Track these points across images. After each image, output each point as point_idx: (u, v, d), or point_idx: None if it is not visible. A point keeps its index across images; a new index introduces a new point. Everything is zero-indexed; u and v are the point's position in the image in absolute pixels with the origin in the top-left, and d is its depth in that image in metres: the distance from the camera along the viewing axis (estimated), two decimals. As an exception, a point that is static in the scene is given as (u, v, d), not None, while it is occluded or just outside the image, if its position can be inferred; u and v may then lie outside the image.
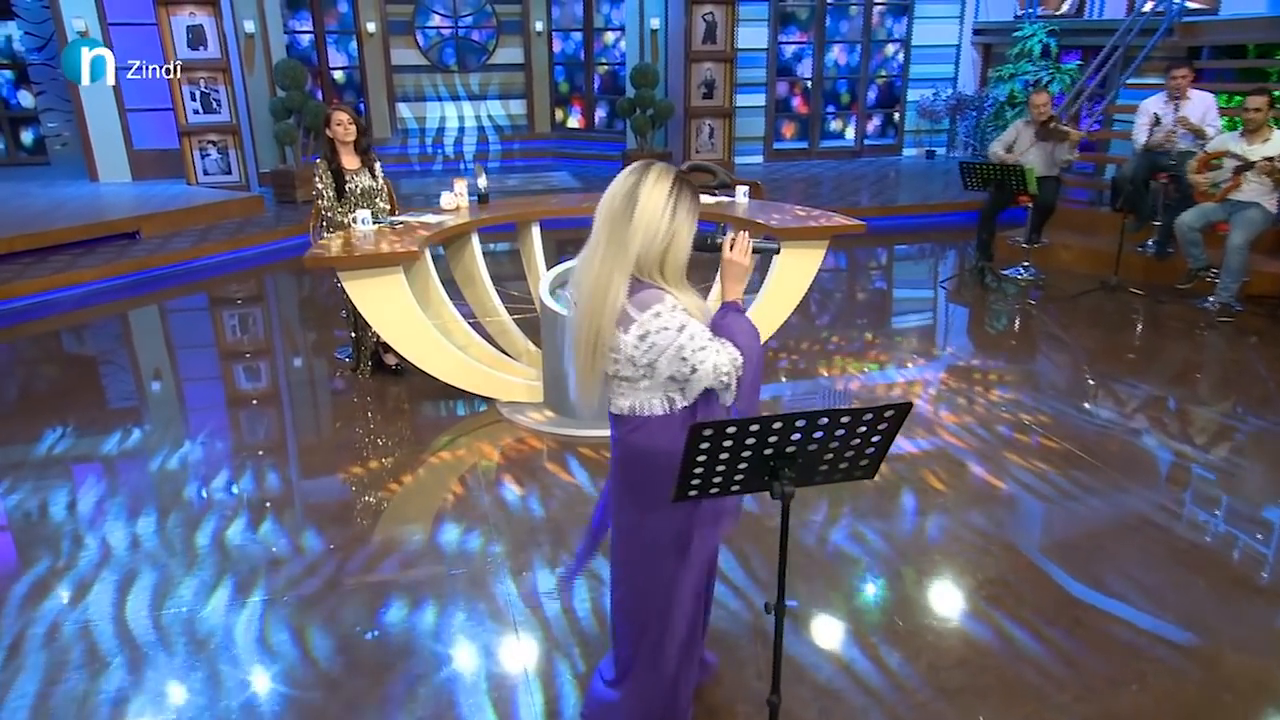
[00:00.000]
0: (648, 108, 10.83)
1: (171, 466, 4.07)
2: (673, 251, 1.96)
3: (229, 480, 3.93)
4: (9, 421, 4.70)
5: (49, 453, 4.26)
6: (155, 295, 7.01)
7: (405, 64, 12.21)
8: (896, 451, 4.08)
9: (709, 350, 1.96)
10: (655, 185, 1.94)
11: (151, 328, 6.55)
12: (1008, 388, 4.90)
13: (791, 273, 4.72)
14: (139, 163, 10.09)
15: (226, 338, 6.49)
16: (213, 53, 9.43)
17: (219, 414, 4.91)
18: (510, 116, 12.90)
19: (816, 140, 12.71)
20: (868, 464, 1.92)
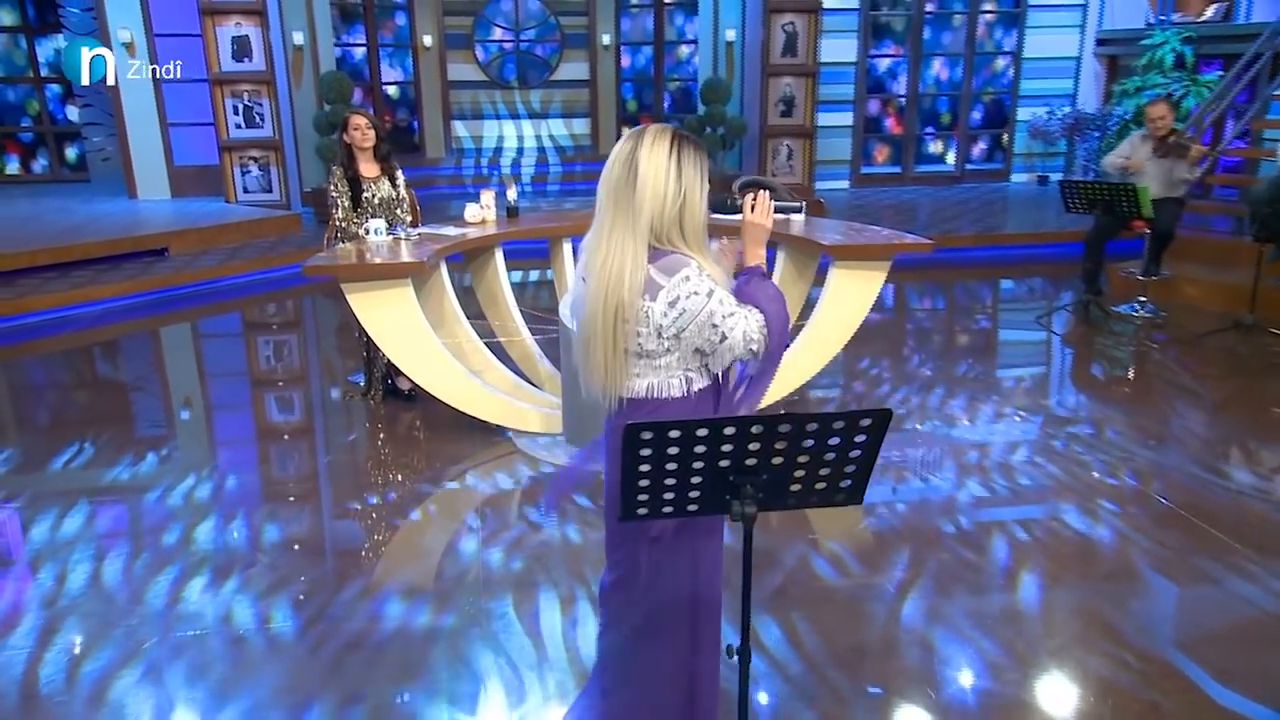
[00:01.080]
0: (718, 126, 10.91)
1: (157, 493, 4.19)
2: (689, 211, 2.00)
3: (218, 512, 4.01)
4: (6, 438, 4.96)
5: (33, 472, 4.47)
6: (175, 315, 7.34)
7: (462, 79, 12.68)
8: (991, 516, 3.86)
9: (738, 317, 2.00)
10: (654, 146, 1.99)
11: (166, 346, 6.84)
12: (1121, 445, 4.61)
13: (846, 297, 4.61)
14: (179, 179, 10.70)
15: (237, 358, 6.73)
16: (257, 64, 9.98)
17: (214, 438, 5.06)
18: (573, 136, 13.19)
19: (911, 164, 12.54)
20: (851, 486, 1.81)
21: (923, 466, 4.34)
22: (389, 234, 4.80)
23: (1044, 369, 5.98)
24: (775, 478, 1.75)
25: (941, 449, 4.55)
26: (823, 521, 3.90)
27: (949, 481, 4.19)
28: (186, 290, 7.68)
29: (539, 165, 13.02)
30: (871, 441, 1.73)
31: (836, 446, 1.72)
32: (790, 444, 1.70)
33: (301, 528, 3.86)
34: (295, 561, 3.56)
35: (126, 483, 4.30)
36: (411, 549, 3.74)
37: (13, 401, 5.81)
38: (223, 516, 3.95)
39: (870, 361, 5.93)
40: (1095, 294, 6.84)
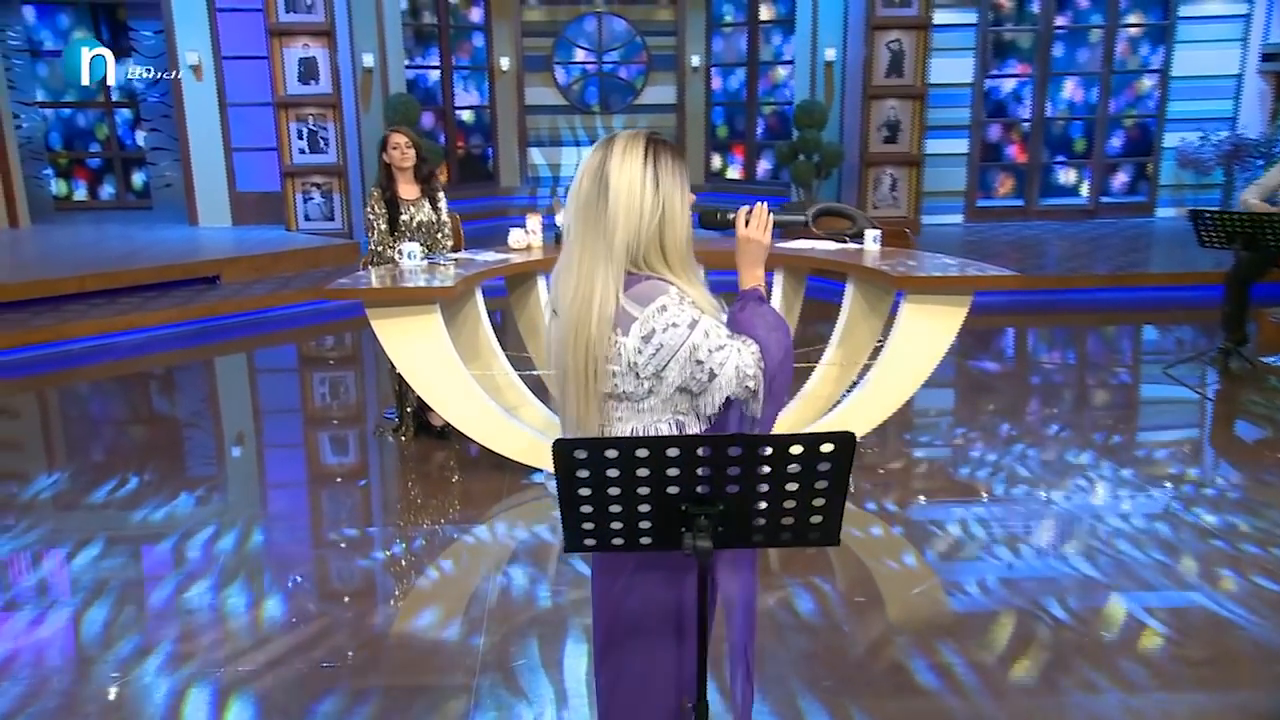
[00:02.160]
0: (813, 152, 10.93)
1: (157, 521, 4.40)
2: (670, 229, 1.94)
3: (216, 559, 4.18)
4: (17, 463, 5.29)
5: (37, 497, 4.75)
6: (222, 345, 7.72)
7: (541, 104, 13.09)
8: (1110, 601, 3.64)
9: (729, 350, 1.92)
10: (625, 155, 1.93)
11: (208, 377, 7.20)
12: (1273, 522, 4.33)
13: (918, 337, 4.53)
14: (240, 206, 11.33)
15: (270, 391, 7.02)
16: (324, 87, 10.55)
17: (230, 473, 5.28)
18: (657, 164, 13.41)
19: (1035, 196, 12.26)
20: (822, 524, 1.77)
21: (1031, 538, 4.16)
22: (426, 259, 4.97)
23: (1181, 430, 5.70)
24: (734, 509, 1.73)
25: (1055, 519, 4.36)
26: (897, 588, 3.81)
27: (1061, 558, 3.99)
28: (235, 319, 8.08)
29: (619, 195, 13.25)
30: (838, 471, 1.69)
31: (798, 475, 1.69)
32: (744, 470, 1.68)
33: (318, 574, 3.97)
34: (308, 612, 3.65)
35: (136, 525, 4.51)
36: (434, 599, 3.80)
37: (40, 430, 6.20)
38: (221, 542, 4.10)
39: (979, 415, 5.78)
40: (1238, 342, 6.52)
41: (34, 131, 12.15)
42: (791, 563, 3.96)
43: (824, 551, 4.08)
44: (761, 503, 1.73)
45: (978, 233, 11.33)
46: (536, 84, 13.04)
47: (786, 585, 3.76)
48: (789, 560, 3.97)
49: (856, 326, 5.06)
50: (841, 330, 5.03)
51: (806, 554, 4.00)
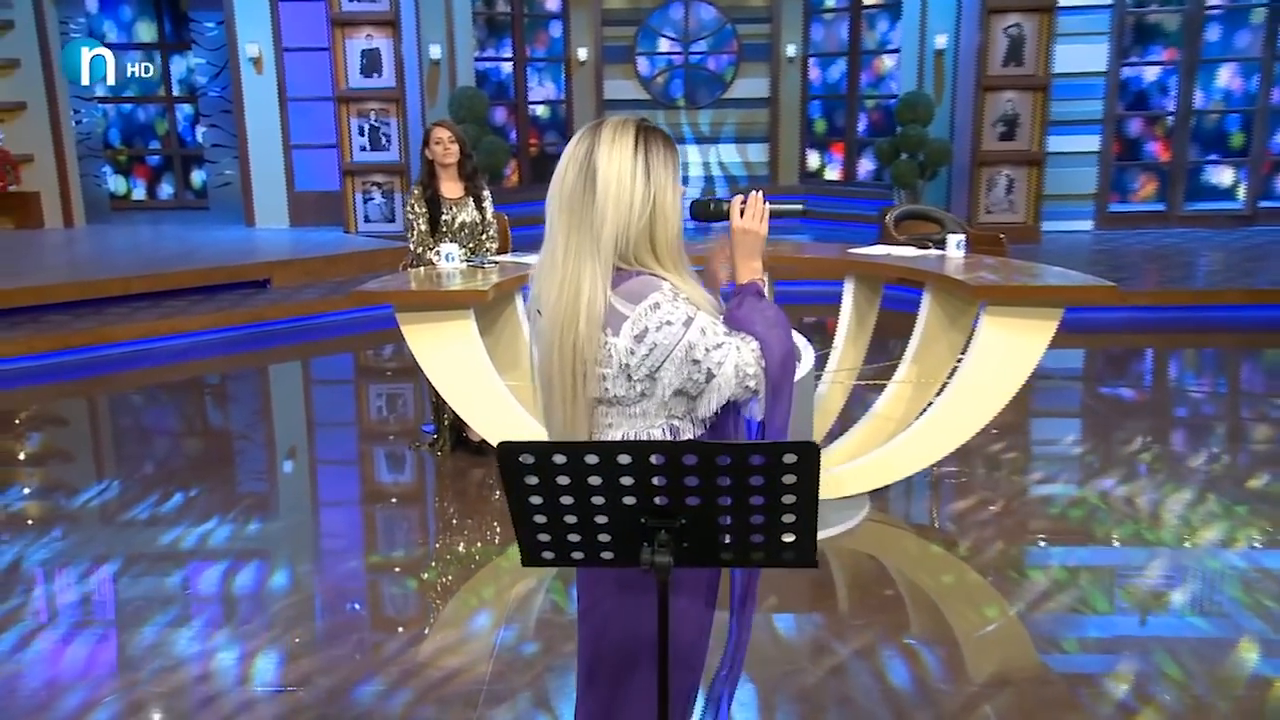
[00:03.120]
0: (916, 150, 10.83)
1: (169, 541, 4.62)
2: (661, 223, 1.99)
3: (239, 578, 4.38)
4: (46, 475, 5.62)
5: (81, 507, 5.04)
6: (265, 353, 8.06)
7: (620, 97, 13.27)
8: None
9: (727, 348, 1.97)
10: (614, 144, 1.98)
11: (244, 387, 7.50)
12: None
13: (998, 354, 4.46)
14: (298, 206, 11.80)
15: (312, 403, 7.28)
16: (387, 80, 10.93)
17: (259, 488, 5.50)
18: (747, 164, 13.47)
19: (1179, 200, 11.88)
20: (796, 543, 1.79)
21: (1164, 593, 4.03)
22: (466, 262, 5.12)
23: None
24: (697, 524, 1.77)
25: (1209, 576, 4.21)
26: (987, 644, 3.76)
27: (1200, 616, 3.84)
28: (283, 325, 8.42)
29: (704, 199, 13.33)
30: (805, 485, 1.72)
31: (762, 488, 1.71)
32: (703, 480, 1.72)
33: (344, 600, 4.10)
34: (327, 639, 3.80)
35: (171, 543, 4.76)
36: (461, 628, 3.89)
37: (75, 438, 6.57)
38: (244, 566, 4.29)
39: (1107, 449, 5.64)
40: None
41: (93, 127, 12.87)
42: (863, 608, 3.93)
43: (900, 597, 4.05)
44: (726, 517, 1.77)
45: (1110, 241, 11.04)
46: (616, 76, 13.24)
47: (861, 634, 3.69)
48: (862, 606, 3.94)
49: (934, 342, 5.01)
50: (917, 345, 4.99)
51: (882, 600, 3.97)
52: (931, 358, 5.00)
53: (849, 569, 4.32)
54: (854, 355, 5.32)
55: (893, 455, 4.66)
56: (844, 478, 4.69)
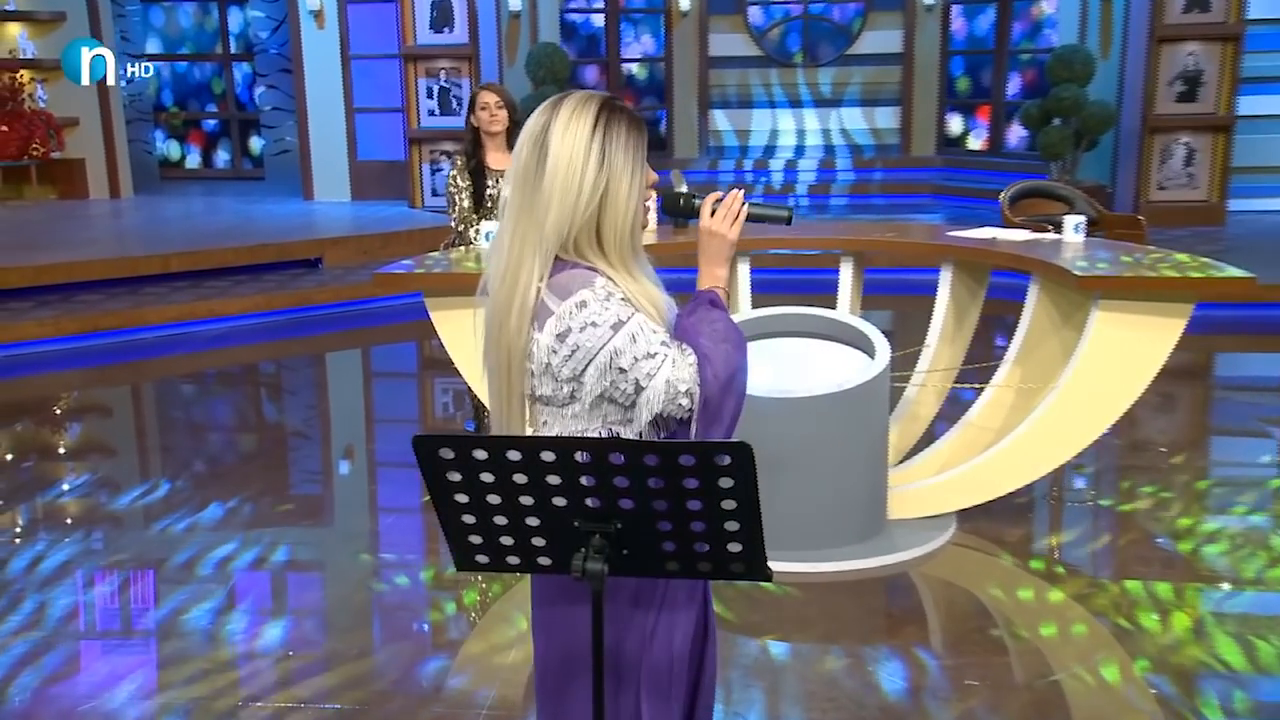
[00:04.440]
0: (1070, 115, 10.64)
1: (214, 546, 4.91)
2: (610, 214, 2.06)
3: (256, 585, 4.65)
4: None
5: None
6: (309, 340, 8.42)
7: (728, 53, 13.39)
8: None
9: (660, 359, 2.03)
10: (572, 120, 2.04)
11: (282, 377, 7.86)
12: None
13: (1112, 356, 4.43)
14: (360, 178, 12.23)
15: (366, 397, 7.57)
16: (459, 36, 11.25)
17: (312, 491, 5.77)
18: (874, 131, 13.42)
19: (1400, 176, 11.40)
20: (743, 553, 1.89)
21: None
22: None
23: None
24: (634, 529, 1.88)
25: None
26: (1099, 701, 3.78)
27: None
28: (331, 310, 8.78)
29: (823, 171, 13.37)
30: (743, 489, 1.81)
31: (698, 491, 1.80)
32: (633, 481, 1.82)
33: (402, 614, 4.30)
34: (325, 655, 4.02)
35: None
36: (489, 650, 4.05)
37: (89, 430, 6.99)
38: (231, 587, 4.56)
39: (1262, 474, 5.54)
40: None
41: (143, 88, 13.54)
42: (958, 648, 3.98)
43: (993, 636, 4.06)
44: (664, 522, 1.88)
45: (1310, 226, 10.67)
46: (724, 30, 13.34)
47: (957, 687, 3.70)
48: (957, 646, 3.99)
49: (1043, 341, 4.98)
50: (1021, 345, 4.96)
51: (978, 639, 3.99)
52: (1038, 360, 4.98)
53: (937, 599, 4.36)
54: (950, 355, 5.32)
55: (984, 470, 4.68)
56: (926, 494, 4.72)
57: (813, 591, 4.23)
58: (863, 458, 4.45)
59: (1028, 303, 5.01)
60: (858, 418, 4.38)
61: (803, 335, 4.64)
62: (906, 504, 4.71)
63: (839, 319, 4.66)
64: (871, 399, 4.40)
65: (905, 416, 5.20)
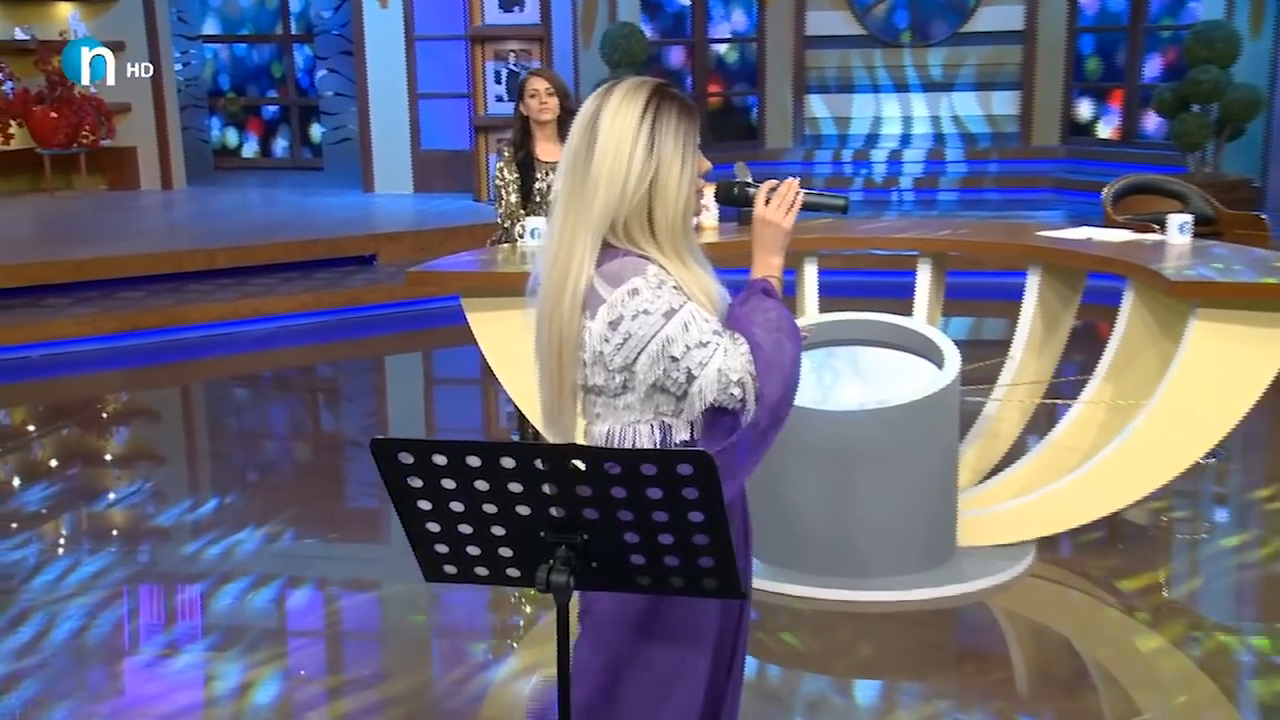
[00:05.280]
0: (1210, 101, 10.46)
1: (262, 563, 5.10)
2: (661, 201, 2.22)
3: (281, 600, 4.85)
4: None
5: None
6: (359, 343, 8.67)
7: (827, 33, 13.40)
8: None
9: (713, 348, 2.18)
10: (622, 106, 2.22)
11: (331, 382, 8.11)
12: None
13: (1217, 368, 4.42)
14: (424, 169, 12.50)
15: (426, 403, 7.78)
16: (530, 16, 11.47)
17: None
18: (990, 119, 13.33)
19: None
20: (715, 569, 1.98)
21: None
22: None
23: None
24: (602, 542, 1.98)
25: None
26: None
27: None
28: (385, 310, 9.02)
29: (931, 163, 13.31)
30: (709, 501, 1.90)
31: (662, 502, 1.89)
32: (596, 490, 1.92)
33: (462, 641, 4.46)
34: (389, 695, 4.15)
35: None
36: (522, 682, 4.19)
37: (151, 438, 7.30)
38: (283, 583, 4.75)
39: None
40: None
41: (199, 72, 14.00)
42: (1036, 688, 3.99)
43: (1083, 681, 4.06)
44: (631, 534, 1.98)
45: None
46: (822, 6, 13.36)
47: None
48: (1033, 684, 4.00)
49: (1140, 353, 4.97)
50: (1115, 357, 4.97)
51: (1061, 685, 4.00)
52: (1134, 374, 4.98)
53: (1008, 635, 4.39)
54: (1037, 367, 5.33)
55: (1067, 495, 4.69)
56: (1001, 519, 4.76)
57: (865, 623, 4.29)
58: (928, 478, 4.49)
59: (1122, 311, 5.02)
60: (922, 434, 4.42)
61: (864, 343, 4.70)
62: (979, 530, 4.74)
63: (904, 325, 4.72)
64: (938, 413, 4.45)
65: (984, 435, 5.23)
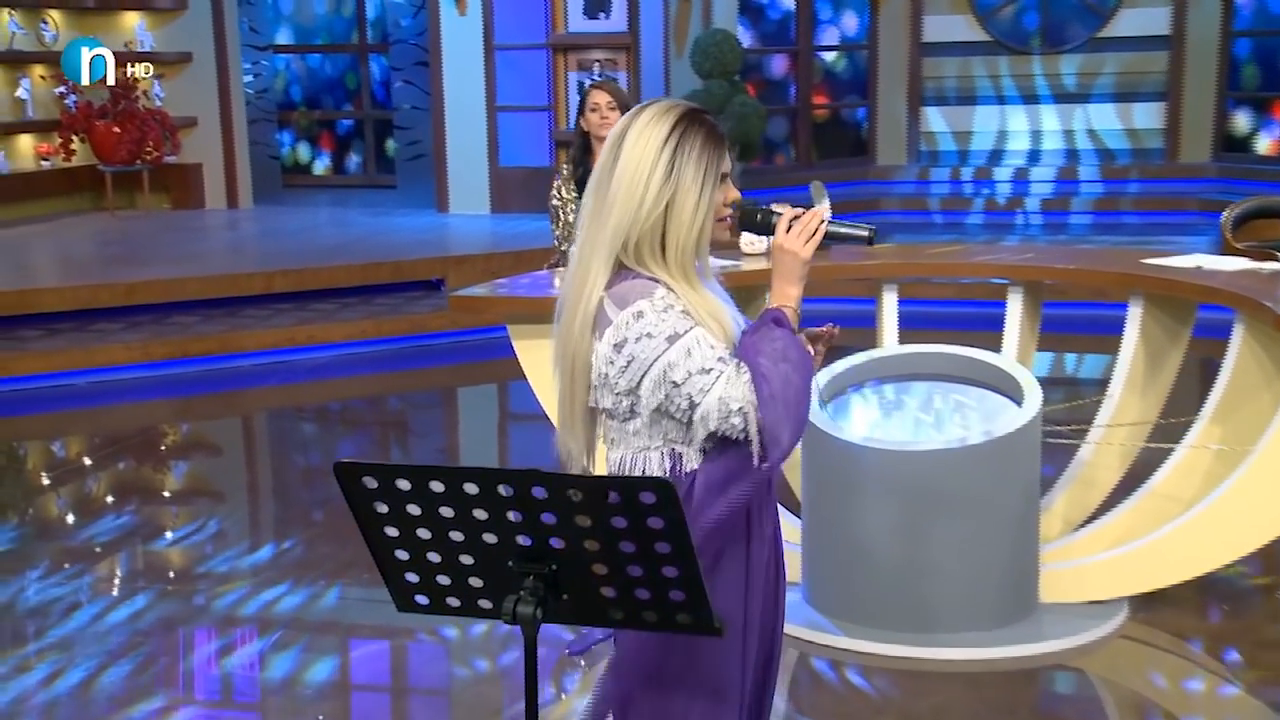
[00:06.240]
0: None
1: (324, 613, 5.29)
2: (676, 225, 2.39)
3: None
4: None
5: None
6: (420, 374, 8.89)
7: (946, 39, 13.43)
8: None
9: (716, 375, 2.33)
10: (647, 126, 2.39)
11: (393, 416, 8.33)
12: None
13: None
14: (502, 188, 12.75)
15: (471, 439, 7.95)
16: (617, 23, 11.69)
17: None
18: (1130, 132, 13.23)
19: None
20: (687, 602, 2.10)
21: None
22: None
23: None
24: (571, 573, 2.11)
25: None
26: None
27: None
28: (448, 339, 9.24)
29: (1063, 182, 13.23)
30: (675, 531, 2.02)
31: (627, 532, 2.02)
32: (561, 518, 2.05)
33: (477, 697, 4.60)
34: None
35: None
36: None
37: (202, 470, 7.59)
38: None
39: None
40: None
41: (269, 83, 14.45)
42: None
43: None
44: (599, 565, 2.11)
45: None
46: (941, 10, 13.41)
47: None
48: None
49: (1251, 394, 4.94)
50: (1222, 398, 4.96)
51: None
52: (1243, 417, 4.96)
53: (1089, 701, 4.41)
54: (1140, 407, 5.33)
55: (1164, 548, 4.69)
56: (1088, 573, 4.78)
57: (925, 683, 4.34)
58: (1004, 525, 4.54)
59: (1231, 347, 5.01)
60: (998, 476, 4.48)
61: (937, 378, 4.77)
62: (1064, 584, 4.76)
63: (981, 358, 4.78)
64: (1016, 454, 4.51)
65: (1077, 481, 5.24)
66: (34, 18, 13.26)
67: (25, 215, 12.80)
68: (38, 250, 11.79)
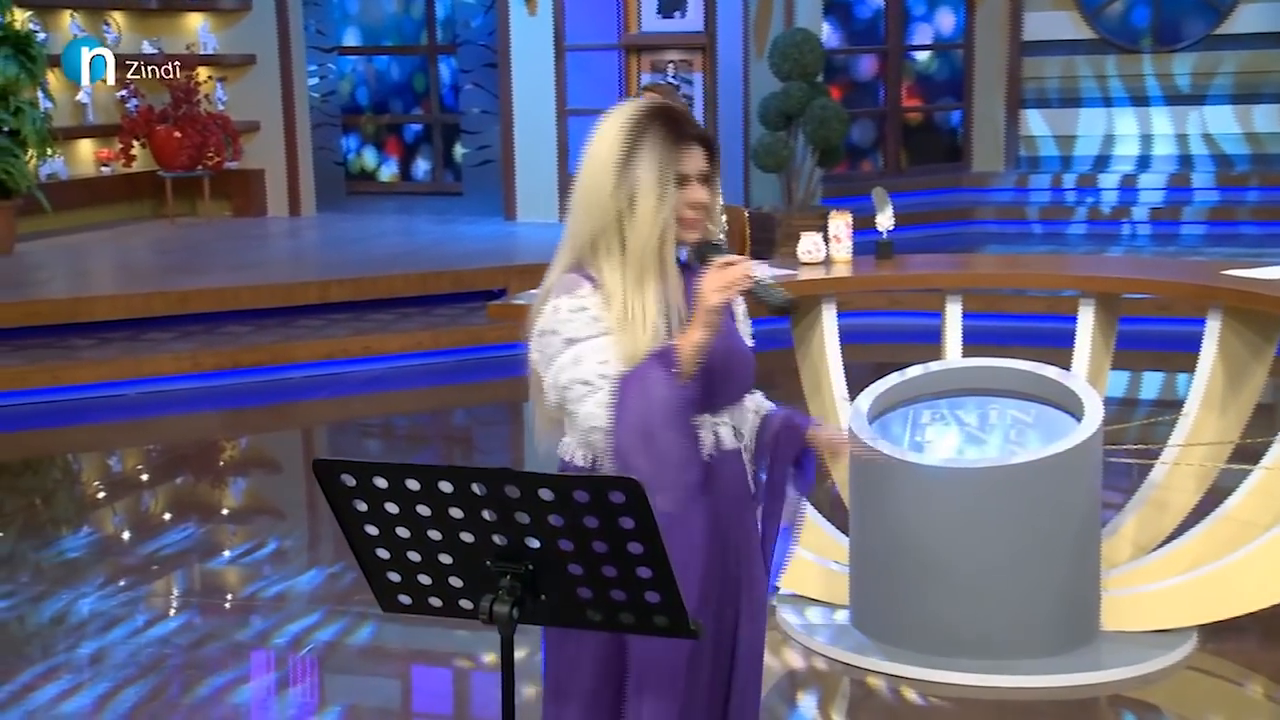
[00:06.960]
0: None
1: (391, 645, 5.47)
2: (635, 228, 2.49)
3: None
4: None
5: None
6: (476, 387, 9.08)
7: (1049, 38, 13.40)
8: None
9: (593, 390, 2.48)
10: (608, 128, 2.53)
11: (460, 433, 8.49)
12: None
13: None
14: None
15: (519, 461, 8.07)
16: (693, 22, 11.83)
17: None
18: (1250, 137, 13.11)
19: None
20: (663, 604, 2.22)
21: None
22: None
23: None
24: (547, 572, 2.23)
25: None
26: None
27: None
28: (507, 351, 9.35)
29: (1174, 190, 13.12)
30: (647, 531, 2.14)
31: (599, 532, 2.13)
32: (534, 518, 2.16)
33: None
34: None
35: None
36: None
37: (261, 486, 7.83)
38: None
39: None
40: None
41: (335, 86, 14.76)
42: None
43: None
44: (574, 565, 2.24)
45: None
46: (1043, 6, 13.39)
47: None
48: None
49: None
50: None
51: None
52: (1328, 436, 4.99)
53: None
54: (1219, 427, 5.34)
55: (1235, 574, 4.71)
56: (1153, 600, 4.81)
57: (976, 711, 4.40)
58: (1061, 547, 4.59)
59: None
60: (1054, 496, 4.53)
61: (994, 393, 4.83)
62: (1129, 611, 4.80)
63: (1039, 373, 4.83)
64: (1074, 473, 4.56)
65: (1149, 504, 5.26)
66: (96, 20, 13.64)
67: (86, 222, 13.12)
68: (95, 258, 12.18)
